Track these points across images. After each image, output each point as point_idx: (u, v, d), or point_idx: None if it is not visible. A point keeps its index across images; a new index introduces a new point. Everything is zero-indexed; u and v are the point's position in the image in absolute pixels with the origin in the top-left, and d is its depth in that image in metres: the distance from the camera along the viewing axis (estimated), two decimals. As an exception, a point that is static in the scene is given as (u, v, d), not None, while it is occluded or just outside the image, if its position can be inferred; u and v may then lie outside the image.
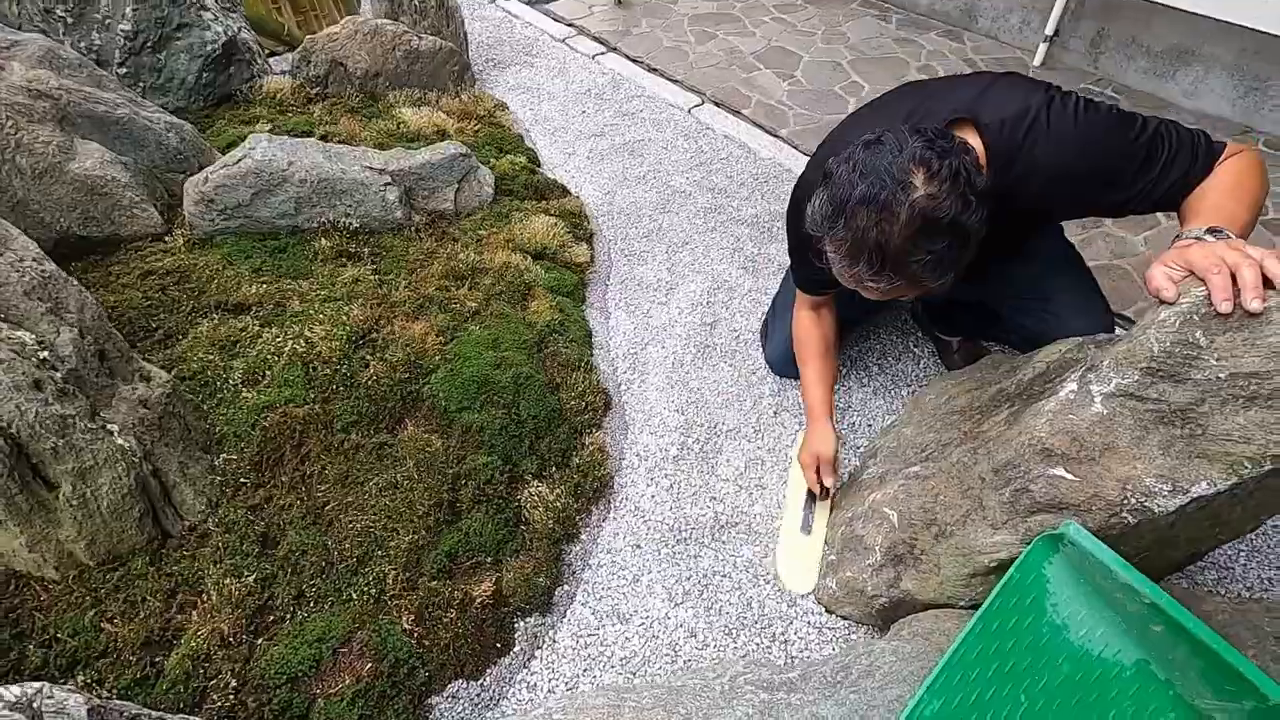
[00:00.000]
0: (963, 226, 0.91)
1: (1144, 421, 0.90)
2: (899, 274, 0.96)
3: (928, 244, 0.92)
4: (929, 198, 0.90)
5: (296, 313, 1.57)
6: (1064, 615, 0.93)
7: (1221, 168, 1.01)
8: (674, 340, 1.86)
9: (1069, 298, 1.29)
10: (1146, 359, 0.89)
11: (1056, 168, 1.03)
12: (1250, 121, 2.55)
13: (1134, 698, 0.91)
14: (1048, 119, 1.02)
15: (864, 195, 0.91)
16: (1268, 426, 0.82)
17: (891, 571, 1.18)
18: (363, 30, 2.34)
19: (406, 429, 1.43)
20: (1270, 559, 1.39)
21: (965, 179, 0.90)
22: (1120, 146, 1.02)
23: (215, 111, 2.23)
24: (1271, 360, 0.80)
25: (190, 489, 1.26)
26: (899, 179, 0.90)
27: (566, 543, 1.41)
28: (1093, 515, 0.94)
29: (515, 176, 2.20)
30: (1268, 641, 1.05)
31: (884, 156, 0.92)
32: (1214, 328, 0.85)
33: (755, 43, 3.29)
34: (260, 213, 1.72)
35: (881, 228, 0.91)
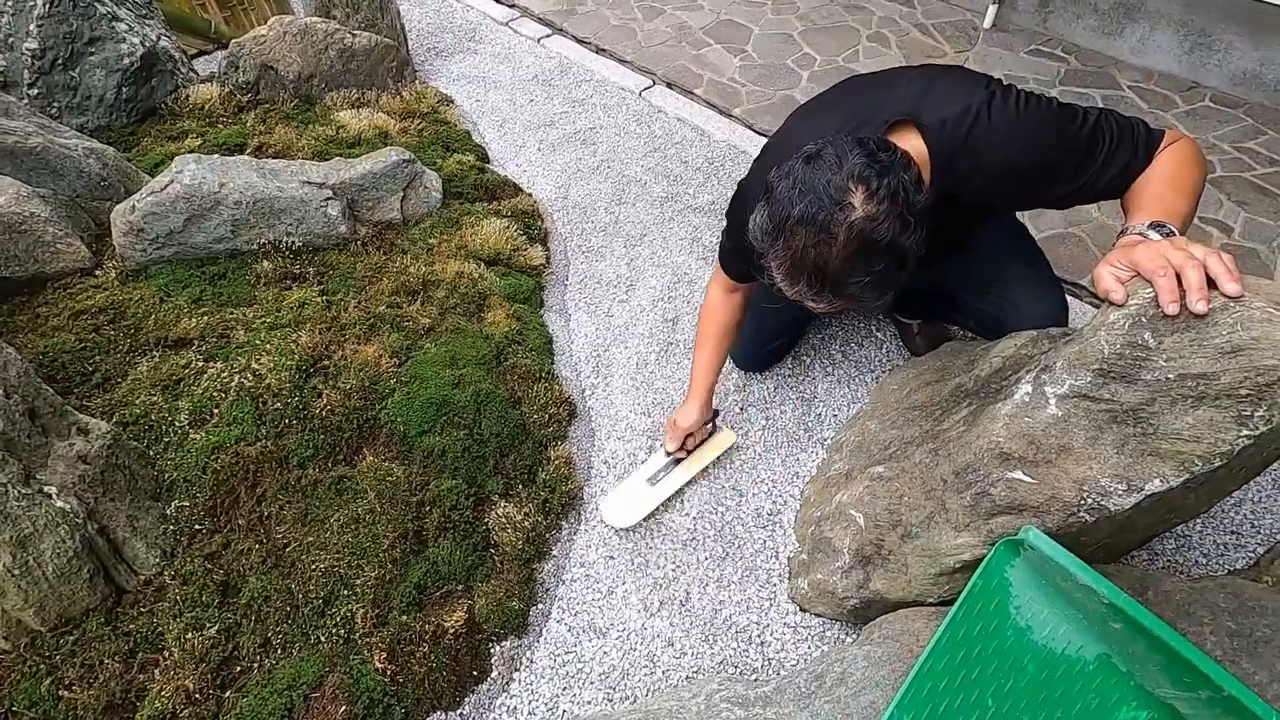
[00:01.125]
0: (900, 248, 0.89)
1: (1098, 422, 0.91)
2: (838, 294, 0.94)
3: (866, 265, 0.90)
4: (867, 219, 0.87)
5: (241, 344, 1.51)
6: (1028, 617, 0.94)
7: (1161, 157, 1.01)
8: (636, 339, 1.84)
9: (1023, 287, 1.29)
10: (1098, 360, 0.89)
11: (999, 164, 1.02)
12: (1197, 76, 2.56)
13: (1097, 690, 0.93)
14: (989, 116, 1.01)
15: (802, 215, 0.89)
16: (1216, 425, 0.83)
17: (861, 573, 1.19)
18: (292, 30, 2.22)
19: (365, 459, 1.40)
20: (1224, 525, 1.43)
21: (904, 199, 0.88)
22: (1062, 141, 1.01)
23: (140, 128, 2.11)
24: (1218, 361, 0.81)
25: (142, 542, 1.21)
26: (837, 199, 0.88)
27: (538, 561, 1.39)
28: (1051, 516, 0.94)
29: (464, 177, 2.14)
30: (1223, 617, 1.08)
31: (823, 173, 0.89)
32: (1162, 329, 0.85)
33: (704, 17, 3.21)
34: (195, 239, 1.65)
35: (820, 249, 0.90)
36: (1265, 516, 1.44)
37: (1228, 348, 0.80)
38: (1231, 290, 0.79)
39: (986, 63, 2.81)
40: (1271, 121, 2.39)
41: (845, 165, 0.89)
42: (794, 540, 1.44)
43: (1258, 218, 2.07)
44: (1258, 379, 0.79)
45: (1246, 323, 0.80)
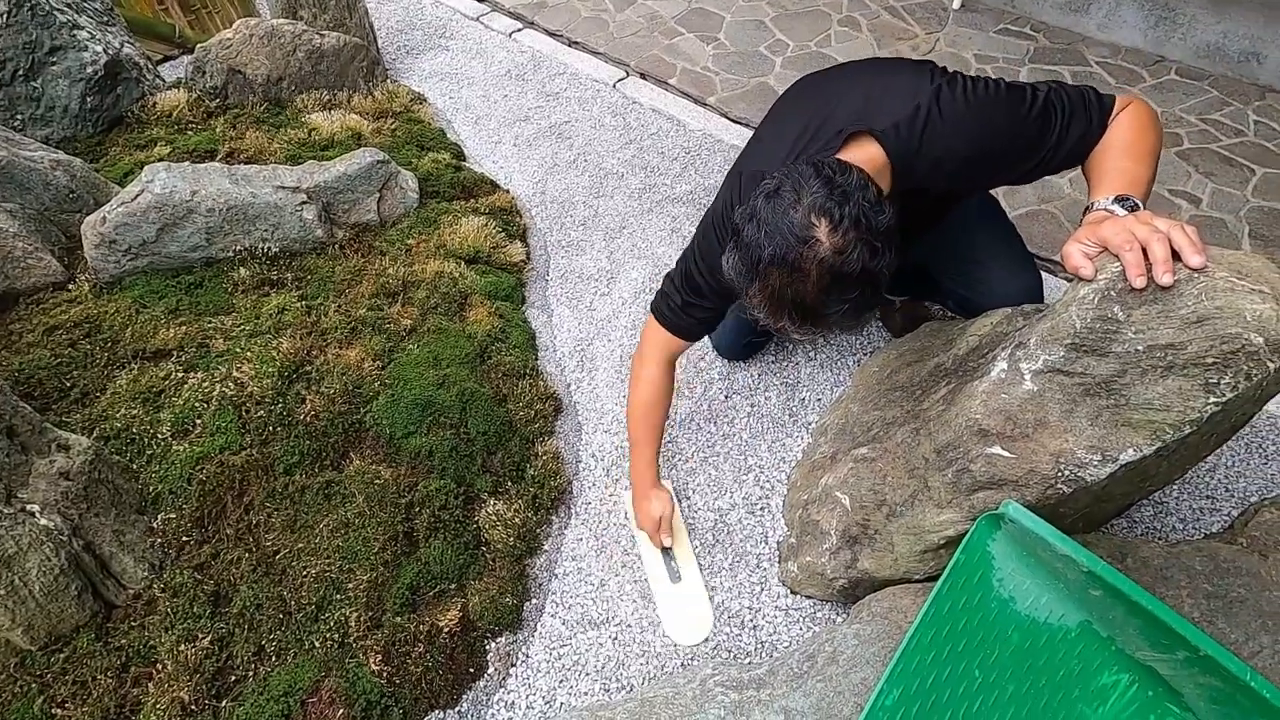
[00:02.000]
0: (871, 273, 0.90)
1: (1072, 395, 0.93)
2: (819, 324, 0.96)
3: (841, 294, 0.91)
4: (835, 253, 0.88)
5: (221, 352, 1.50)
6: (1010, 589, 0.96)
7: (1117, 123, 1.03)
8: (619, 332, 1.84)
9: (998, 266, 1.31)
10: (1070, 335, 0.91)
11: (957, 158, 1.04)
12: (1162, 51, 2.60)
13: (1080, 656, 0.95)
14: (939, 112, 1.01)
15: (772, 256, 0.90)
16: (1184, 394, 0.85)
17: (848, 553, 1.21)
18: (258, 33, 2.19)
19: (352, 463, 1.39)
20: (1199, 490, 1.46)
21: (866, 225, 0.88)
22: (1015, 124, 1.03)
23: (107, 138, 2.08)
24: (1184, 331, 0.83)
25: (129, 556, 1.21)
26: (802, 236, 0.88)
27: (530, 556, 1.40)
28: (1030, 489, 0.96)
29: (440, 175, 2.12)
30: (1199, 580, 1.11)
31: (785, 211, 0.90)
32: (1130, 302, 0.86)
33: (676, 6, 3.20)
34: (169, 248, 1.63)
35: (795, 287, 0.91)
36: (1238, 480, 1.47)
37: (1193, 318, 0.82)
38: (1195, 263, 0.81)
39: (956, 43, 2.83)
40: (1235, 93, 2.42)
41: (804, 199, 0.89)
42: (783, 524, 1.45)
43: (1224, 188, 2.11)
44: (1223, 347, 0.81)
45: (1210, 293, 0.82)
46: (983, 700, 0.93)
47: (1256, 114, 2.34)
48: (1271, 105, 2.37)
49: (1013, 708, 0.94)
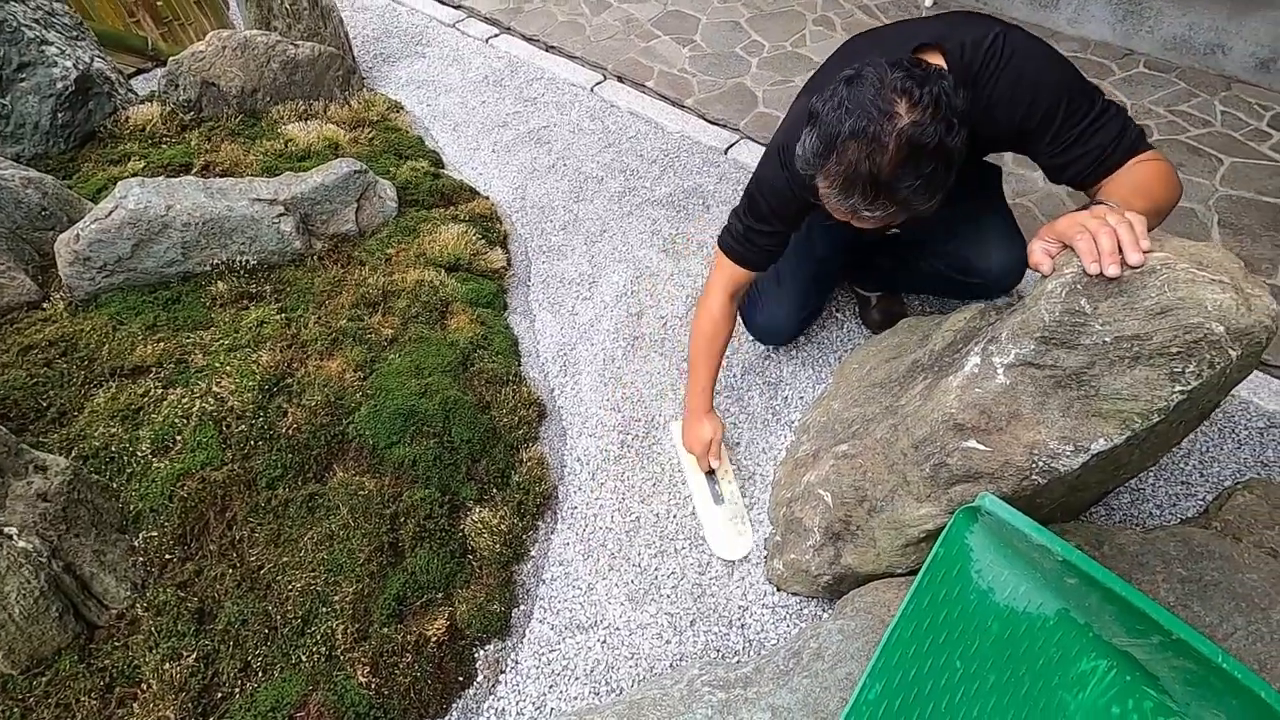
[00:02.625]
0: (947, 148, 0.94)
1: (1043, 387, 0.94)
2: (892, 200, 0.99)
3: (916, 169, 0.95)
4: (914, 125, 0.92)
5: (201, 368, 1.49)
6: (989, 580, 0.97)
7: (1139, 166, 1.05)
8: (602, 336, 1.85)
9: (993, 233, 1.37)
10: (1040, 328, 0.92)
11: (1015, 79, 1.08)
12: (1130, 44, 2.64)
13: (1059, 643, 0.97)
14: (1005, 41, 1.08)
15: (853, 129, 0.94)
16: (1151, 383, 0.87)
17: (832, 549, 1.22)
18: (231, 45, 2.18)
19: (336, 475, 1.39)
20: (1175, 476, 1.49)
21: (946, 103, 0.93)
22: (1068, 75, 1.09)
23: (79, 153, 2.06)
24: (1149, 322, 0.84)
25: (110, 576, 1.20)
26: (884, 110, 0.93)
27: (517, 563, 1.40)
28: (1006, 481, 0.98)
29: (419, 184, 2.12)
30: (1174, 565, 1.13)
31: (867, 90, 0.94)
32: (1097, 295, 0.88)
33: (652, 8, 3.21)
34: (145, 264, 1.61)
35: (873, 159, 0.94)
36: (1212, 465, 1.50)
37: (1157, 309, 0.84)
38: (1133, 260, 0.83)
39: (930, 40, 2.85)
40: (1202, 84, 2.47)
41: (887, 80, 0.94)
42: (768, 523, 1.47)
43: (1193, 178, 2.14)
44: (1185, 336, 0.83)
45: (1172, 284, 0.83)
46: (964, 690, 0.94)
47: (1223, 104, 2.38)
48: (1237, 95, 2.41)
49: (994, 697, 0.95)
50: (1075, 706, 0.95)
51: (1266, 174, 2.13)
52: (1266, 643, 1.06)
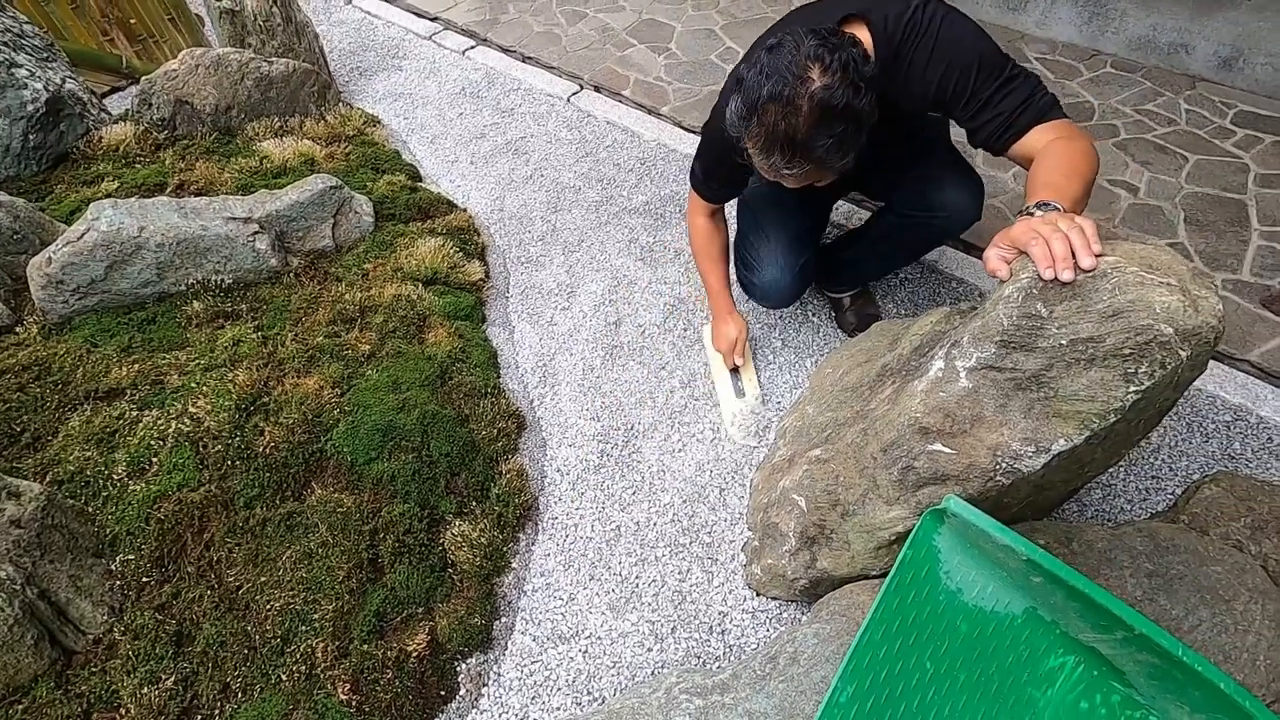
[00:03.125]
0: (855, 110, 1.05)
1: (1005, 390, 0.96)
2: (808, 159, 1.09)
3: (828, 129, 1.05)
4: (825, 88, 1.02)
5: (176, 388, 1.48)
6: (957, 580, 0.99)
7: (1060, 143, 1.07)
8: (581, 345, 1.86)
9: (952, 174, 1.44)
10: (999, 332, 0.94)
11: (933, 48, 1.16)
12: (1096, 45, 2.68)
13: (1027, 641, 0.99)
14: (924, 11, 1.16)
15: (770, 93, 1.04)
16: (1107, 384, 0.89)
17: (807, 554, 1.24)
18: (204, 63, 2.18)
19: (314, 493, 1.39)
20: (1144, 471, 1.51)
21: (854, 68, 1.04)
22: (986, 43, 1.17)
23: (52, 175, 2.05)
24: (1102, 325, 0.86)
25: (87, 601, 1.19)
26: (799, 75, 1.03)
27: (497, 575, 1.41)
28: (972, 483, 1.00)
29: (396, 198, 2.12)
30: (1141, 560, 1.15)
31: (785, 57, 1.04)
32: (1051, 299, 0.90)
33: (626, 17, 3.23)
34: (119, 285, 1.61)
35: (789, 120, 1.04)
36: (1181, 459, 1.53)
37: (1109, 311, 0.86)
38: (1085, 264, 0.86)
39: (902, 45, 2.89)
40: (1167, 83, 2.51)
41: (802, 49, 1.04)
42: (746, 529, 1.48)
43: (1160, 175, 2.18)
44: (1137, 338, 0.85)
45: (1123, 287, 0.86)
46: (935, 690, 0.96)
47: (1187, 103, 2.43)
48: (1201, 94, 2.46)
49: (965, 695, 0.97)
50: (1044, 702, 0.97)
51: (1230, 171, 2.17)
52: (1231, 633, 1.08)
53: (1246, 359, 1.70)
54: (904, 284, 1.95)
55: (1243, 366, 1.69)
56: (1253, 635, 1.07)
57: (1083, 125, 2.38)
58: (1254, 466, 1.51)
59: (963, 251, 2.01)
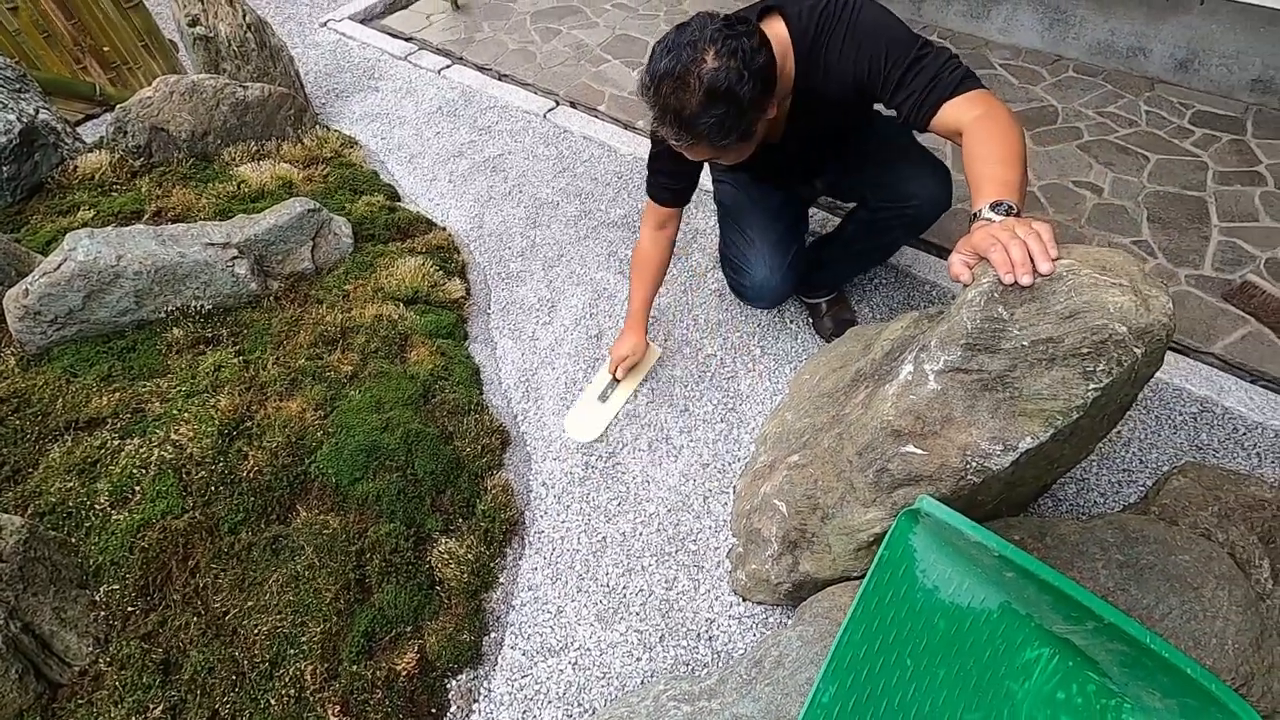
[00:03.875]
0: (738, 96, 1.11)
1: (972, 391, 0.99)
2: (692, 134, 1.15)
3: (711, 109, 1.11)
4: (713, 70, 1.09)
5: (158, 416, 1.48)
6: (933, 579, 1.01)
7: (983, 127, 1.10)
8: (563, 359, 1.87)
9: (919, 164, 1.49)
10: (964, 335, 0.97)
11: (846, 36, 1.23)
12: (1059, 50, 2.75)
13: (1003, 635, 1.01)
14: (837, 4, 1.23)
15: (666, 69, 1.11)
16: (1067, 382, 0.92)
17: (790, 558, 1.26)
18: (179, 90, 2.19)
19: (299, 515, 1.39)
20: (1116, 465, 1.55)
21: (744, 56, 1.10)
22: (896, 27, 1.22)
23: (26, 206, 2.04)
24: (1060, 325, 0.90)
25: (71, 633, 1.19)
26: (693, 55, 1.09)
27: (485, 591, 1.42)
28: (944, 482, 1.02)
29: (374, 218, 2.14)
30: (1112, 551, 1.19)
31: (687, 36, 1.11)
32: (1012, 301, 0.93)
33: (600, 34, 3.27)
34: (98, 314, 1.61)
35: (678, 95, 1.11)
36: (1151, 452, 1.57)
37: (1066, 313, 0.89)
38: (1043, 269, 0.89)
39: (871, 54, 2.94)
40: (1127, 86, 2.58)
41: (705, 31, 1.10)
42: (730, 535, 1.50)
43: (1123, 176, 2.24)
44: (1093, 338, 0.88)
45: (1078, 289, 0.89)
46: (916, 686, 0.98)
47: (1147, 104, 2.50)
48: (1160, 95, 2.53)
49: (945, 691, 0.99)
50: (1023, 694, 0.99)
51: (1190, 169, 2.24)
52: (1200, 620, 1.11)
53: (1210, 351, 1.75)
54: (878, 289, 1.99)
55: (1207, 359, 1.74)
56: (1220, 620, 1.11)
57: (1047, 129, 2.45)
58: (1220, 456, 1.56)
59: (935, 255, 2.05)
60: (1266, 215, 2.06)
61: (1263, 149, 2.27)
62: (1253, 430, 1.59)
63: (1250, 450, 1.56)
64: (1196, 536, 1.23)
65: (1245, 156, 2.25)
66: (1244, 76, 2.41)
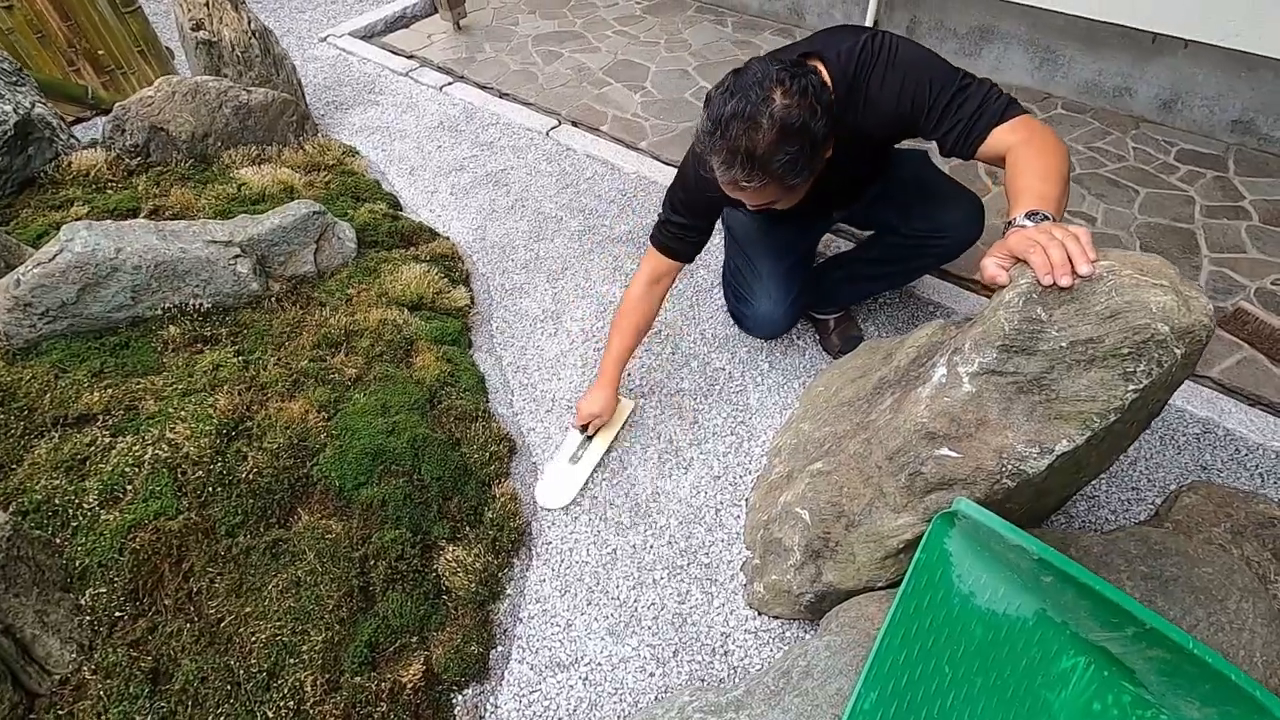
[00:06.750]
0: (811, 131, 1.13)
1: (1007, 394, 0.99)
2: (766, 173, 1.15)
3: (786, 146, 1.12)
4: (785, 108, 1.10)
5: (153, 414, 1.42)
6: (969, 584, 1.00)
7: (1028, 144, 1.12)
8: (569, 370, 1.85)
9: (954, 196, 1.52)
10: (1000, 337, 0.97)
11: (887, 75, 1.24)
12: (1047, 89, 2.86)
13: (1039, 643, 0.99)
14: (874, 45, 1.25)
15: (735, 110, 1.11)
16: (1106, 383, 0.92)
17: (812, 568, 1.23)
18: (181, 90, 2.15)
19: (301, 519, 1.33)
20: (1125, 483, 1.56)
21: (813, 93, 1.13)
22: (934, 63, 1.24)
23: (17, 200, 1.98)
24: (1101, 325, 0.90)
25: (54, 638, 1.11)
26: (762, 95, 1.11)
27: (493, 602, 1.36)
28: (978, 486, 1.01)
29: (377, 225, 2.11)
30: (1136, 563, 1.18)
31: (750, 79, 1.13)
32: (1051, 302, 0.93)
33: (602, 58, 3.32)
34: (91, 309, 1.55)
35: (749, 135, 1.11)
36: (1157, 470, 1.58)
37: (1107, 313, 0.90)
38: (1083, 270, 0.89)
39: (866, 86, 3.02)
40: (1114, 123, 2.68)
41: (767, 74, 1.13)
42: (744, 548, 1.47)
43: (1115, 207, 2.31)
44: (1135, 337, 0.88)
45: (1119, 289, 0.90)
46: (955, 695, 0.95)
47: (1134, 141, 2.59)
48: (1145, 133, 2.62)
49: (983, 700, 0.97)
50: (1059, 705, 0.97)
51: (1178, 203, 2.32)
52: (1226, 632, 1.10)
53: (1208, 376, 1.78)
54: (883, 308, 2.01)
55: (1205, 384, 1.77)
56: (1247, 633, 1.10)
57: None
58: (1225, 476, 1.57)
59: (938, 278, 2.08)
60: (1253, 247, 2.13)
61: (1245, 185, 2.35)
62: (1254, 451, 1.61)
63: (1253, 471, 1.58)
64: (1215, 549, 1.23)
65: (1229, 192, 2.34)
66: (1224, 118, 2.52)
